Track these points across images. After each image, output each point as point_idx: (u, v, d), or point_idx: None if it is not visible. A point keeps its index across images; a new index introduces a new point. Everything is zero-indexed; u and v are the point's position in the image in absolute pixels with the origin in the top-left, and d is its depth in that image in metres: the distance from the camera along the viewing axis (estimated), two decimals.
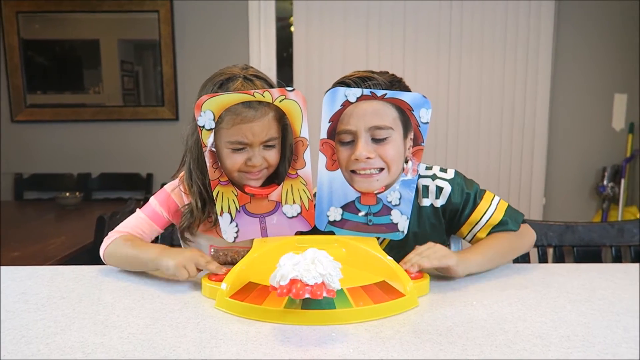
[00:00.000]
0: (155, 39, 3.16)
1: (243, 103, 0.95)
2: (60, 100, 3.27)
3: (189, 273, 0.92)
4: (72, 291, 0.93)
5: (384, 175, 1.01)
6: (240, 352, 0.69)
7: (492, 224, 1.06)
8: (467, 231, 1.09)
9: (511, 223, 1.07)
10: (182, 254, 0.96)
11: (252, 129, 0.97)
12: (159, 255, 0.96)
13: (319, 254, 0.77)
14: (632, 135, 3.06)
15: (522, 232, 1.09)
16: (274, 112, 0.98)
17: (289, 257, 0.78)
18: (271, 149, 1.01)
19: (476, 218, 1.07)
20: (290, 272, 0.75)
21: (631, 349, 0.70)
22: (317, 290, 0.74)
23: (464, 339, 0.73)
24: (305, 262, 0.76)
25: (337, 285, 0.77)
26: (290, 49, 3.13)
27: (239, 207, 0.98)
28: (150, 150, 3.23)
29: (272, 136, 0.99)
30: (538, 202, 3.16)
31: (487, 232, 1.07)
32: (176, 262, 0.93)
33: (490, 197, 1.09)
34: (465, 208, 1.08)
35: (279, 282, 0.76)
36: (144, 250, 1.00)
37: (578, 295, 0.91)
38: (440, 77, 3.09)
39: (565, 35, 3.07)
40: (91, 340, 0.73)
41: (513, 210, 1.09)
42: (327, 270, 0.76)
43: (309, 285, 0.74)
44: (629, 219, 2.32)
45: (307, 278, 0.74)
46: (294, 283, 0.74)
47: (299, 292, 0.74)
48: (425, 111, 0.95)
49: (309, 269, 0.75)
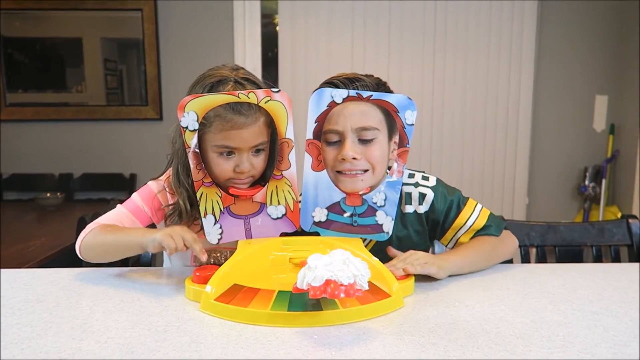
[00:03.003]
0: (139, 37, 3.13)
1: (233, 109, 0.93)
2: (42, 99, 3.22)
3: (175, 244, 0.89)
4: (50, 294, 0.91)
5: (368, 176, 1.01)
6: (221, 355, 0.68)
7: (475, 229, 1.08)
8: (451, 237, 1.10)
9: (494, 228, 1.08)
10: (170, 227, 0.94)
11: (242, 135, 0.95)
12: (144, 234, 0.94)
13: (347, 255, 0.78)
14: (613, 136, 3.11)
15: (504, 238, 1.10)
16: (264, 117, 0.97)
17: (317, 258, 0.77)
18: (260, 154, 1.00)
19: (460, 224, 1.08)
20: (325, 273, 0.75)
21: (610, 349, 0.71)
22: (351, 289, 0.75)
23: (446, 340, 0.73)
24: (337, 262, 0.76)
25: (367, 285, 0.77)
26: (276, 48, 3.12)
27: (223, 208, 0.97)
28: (134, 150, 3.19)
29: (261, 142, 0.98)
30: (521, 202, 3.20)
31: (470, 236, 1.08)
32: (163, 233, 0.90)
33: (473, 204, 1.10)
34: (448, 214, 1.08)
35: (311, 283, 0.75)
36: (126, 234, 0.97)
37: (559, 296, 0.91)
38: (425, 78, 3.11)
39: (548, 37, 3.11)
40: (68, 345, 0.71)
41: (495, 217, 1.11)
42: (359, 270, 0.76)
43: (344, 285, 0.75)
44: (609, 219, 2.36)
45: (342, 278, 0.75)
46: (328, 284, 0.74)
47: (334, 292, 0.74)
48: (410, 113, 0.95)
49: (342, 269, 0.75)
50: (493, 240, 1.08)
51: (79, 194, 3.18)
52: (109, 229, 0.99)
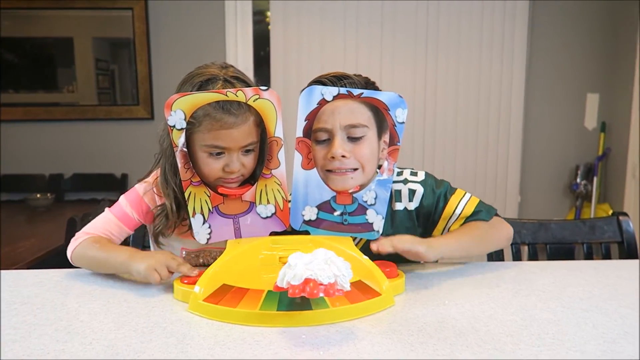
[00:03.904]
0: (130, 37, 3.11)
1: (223, 108, 0.92)
2: (33, 99, 3.19)
3: (160, 276, 0.90)
4: (35, 296, 0.90)
5: (358, 174, 1.00)
6: (207, 356, 0.68)
7: (465, 215, 1.07)
8: (443, 227, 1.09)
9: (484, 213, 1.08)
10: (153, 256, 0.93)
11: (232, 135, 0.94)
12: (129, 259, 0.93)
13: (331, 254, 0.76)
14: (604, 134, 3.12)
15: (495, 223, 1.09)
16: (254, 116, 0.96)
17: (298, 257, 0.76)
18: (249, 153, 0.99)
19: (449, 212, 1.07)
20: (305, 272, 0.73)
21: (599, 346, 0.71)
22: (330, 289, 0.73)
23: (435, 338, 0.73)
24: (318, 261, 0.75)
25: (348, 286, 0.75)
26: (268, 47, 3.11)
27: (212, 207, 0.96)
28: (125, 150, 3.17)
29: (251, 141, 0.97)
30: (514, 200, 3.21)
31: (461, 223, 1.07)
32: (147, 266, 0.90)
33: (461, 193, 1.10)
34: (437, 206, 1.08)
35: (290, 281, 0.74)
36: (113, 254, 0.97)
37: (549, 293, 0.91)
38: (417, 77, 3.10)
39: (539, 36, 3.11)
40: (51, 347, 0.70)
41: (485, 204, 1.10)
42: (340, 271, 0.75)
43: (323, 284, 0.73)
44: (600, 216, 2.37)
45: (322, 277, 0.73)
46: (308, 282, 0.73)
47: (313, 291, 0.72)
48: (401, 111, 0.95)
49: (323, 269, 0.74)
50: (483, 224, 1.06)
51: (70, 194, 3.15)
52: (97, 245, 0.99)
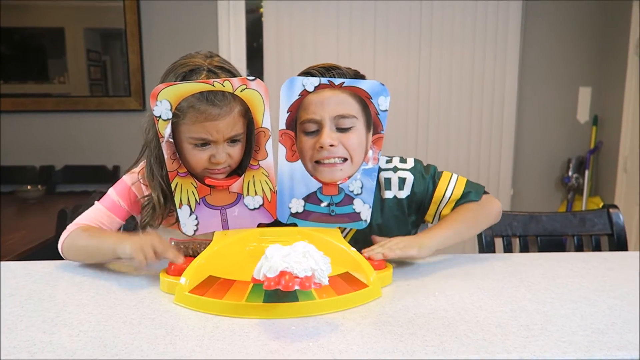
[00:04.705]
0: (121, 27, 3.07)
1: (207, 99, 0.91)
2: (23, 90, 3.15)
3: (146, 257, 0.88)
4: (23, 288, 0.89)
5: (347, 165, 1.00)
6: (196, 348, 0.67)
7: (455, 199, 1.08)
8: (434, 211, 1.09)
9: (473, 194, 1.08)
10: (140, 238, 0.92)
11: (217, 127, 0.93)
12: (117, 241, 0.93)
13: (310, 248, 0.75)
14: (596, 127, 3.13)
15: (485, 203, 1.10)
16: (239, 107, 0.95)
17: (277, 249, 0.75)
18: (236, 144, 0.98)
19: (439, 197, 1.08)
20: (280, 264, 0.72)
21: (587, 337, 0.71)
22: (306, 282, 0.72)
23: (425, 329, 0.73)
24: (295, 254, 0.74)
25: (326, 280, 0.75)
26: (261, 38, 3.08)
27: (199, 199, 0.95)
28: (117, 142, 3.14)
29: (237, 132, 0.96)
30: (506, 193, 3.22)
31: (452, 207, 1.08)
32: (133, 245, 0.90)
33: (448, 176, 1.10)
34: (427, 192, 1.08)
35: (266, 274, 0.73)
36: (102, 239, 0.97)
37: (538, 285, 0.91)
38: (410, 70, 3.09)
39: (533, 29, 3.11)
40: (38, 339, 0.69)
41: (473, 184, 1.11)
42: (318, 265, 0.74)
43: (299, 277, 0.72)
44: (591, 209, 2.38)
45: (298, 270, 0.72)
46: (283, 275, 0.72)
47: (288, 283, 0.71)
48: (383, 99, 0.95)
49: (299, 262, 0.73)
50: (474, 206, 1.07)
51: (61, 186, 3.13)
52: (86, 234, 0.99)
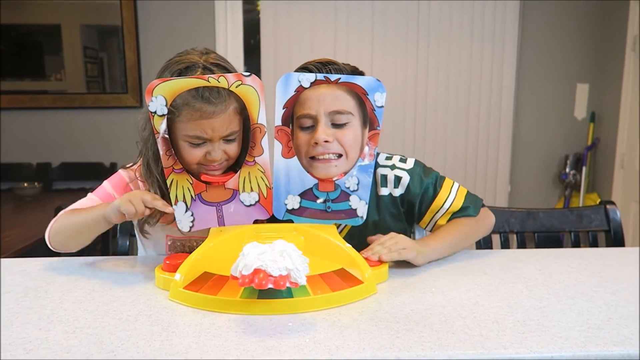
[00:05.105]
0: (118, 24, 3.06)
1: (202, 97, 0.91)
2: (19, 87, 3.13)
3: (135, 208, 0.88)
4: (18, 285, 0.89)
5: (342, 162, 0.99)
6: (193, 344, 0.67)
7: (453, 211, 1.07)
8: (429, 220, 1.09)
9: (471, 209, 1.08)
10: (128, 193, 0.93)
11: (212, 125, 0.93)
12: (104, 206, 0.93)
13: (288, 247, 0.75)
14: (594, 124, 3.14)
15: (481, 218, 1.10)
16: (235, 104, 0.94)
17: (254, 246, 0.74)
18: (232, 142, 0.97)
19: (437, 206, 1.07)
20: (255, 262, 0.72)
21: (584, 332, 0.71)
22: (281, 280, 0.72)
23: (421, 325, 0.73)
24: (272, 252, 0.73)
25: (303, 280, 0.74)
26: (258, 35, 3.07)
27: (195, 195, 0.95)
28: (114, 139, 3.13)
29: (232, 130, 0.96)
30: (504, 189, 3.22)
31: (448, 218, 1.07)
32: (120, 199, 0.89)
33: (449, 185, 1.09)
34: (425, 197, 1.07)
35: (241, 271, 0.73)
36: (89, 212, 0.96)
37: (535, 280, 0.92)
38: (408, 66, 3.08)
39: (530, 26, 3.11)
40: (34, 336, 0.69)
41: (472, 196, 1.10)
42: (294, 264, 0.73)
43: (273, 276, 0.72)
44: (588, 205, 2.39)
45: (272, 269, 0.72)
46: (257, 273, 0.72)
47: (262, 282, 0.71)
48: (380, 95, 0.94)
49: (275, 260, 0.72)
50: (471, 222, 1.07)
51: (58, 183, 3.12)
52: (74, 212, 0.98)
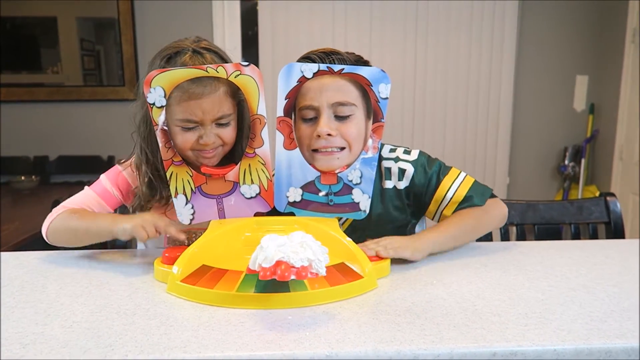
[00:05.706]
0: (114, 16, 3.03)
1: (192, 79, 0.90)
2: (16, 80, 3.12)
3: (147, 233, 0.87)
4: (15, 279, 0.88)
5: (345, 154, 0.98)
6: (191, 338, 0.66)
7: (457, 200, 1.03)
8: (435, 210, 1.06)
9: (476, 198, 1.03)
10: (140, 216, 0.91)
11: (202, 106, 0.91)
12: (114, 221, 0.92)
13: (307, 238, 0.73)
14: (593, 115, 3.13)
15: (489, 207, 1.05)
16: (225, 87, 0.93)
17: (272, 239, 0.73)
18: (225, 126, 0.96)
19: (441, 195, 1.04)
20: (276, 254, 0.71)
21: (586, 325, 0.70)
22: (303, 271, 0.71)
23: (422, 318, 0.72)
24: (292, 244, 0.72)
25: (324, 271, 0.73)
26: (256, 27, 3.05)
27: (195, 187, 0.94)
28: (111, 132, 3.11)
29: (224, 113, 0.94)
30: (502, 182, 3.22)
31: (453, 209, 1.04)
32: (134, 223, 0.88)
33: (455, 174, 1.06)
34: (429, 187, 1.05)
35: (261, 264, 0.71)
36: (95, 221, 0.95)
37: (536, 273, 0.91)
38: (407, 58, 3.07)
39: (529, 18, 3.09)
40: (30, 330, 0.68)
41: (480, 186, 1.06)
42: (316, 255, 0.72)
43: (295, 267, 0.70)
44: (588, 197, 2.39)
45: (294, 260, 0.70)
46: (279, 265, 0.70)
47: (284, 273, 0.69)
48: (384, 86, 0.92)
49: (296, 252, 0.71)
50: (476, 212, 1.03)
51: (56, 177, 3.11)
52: (77, 215, 0.96)
